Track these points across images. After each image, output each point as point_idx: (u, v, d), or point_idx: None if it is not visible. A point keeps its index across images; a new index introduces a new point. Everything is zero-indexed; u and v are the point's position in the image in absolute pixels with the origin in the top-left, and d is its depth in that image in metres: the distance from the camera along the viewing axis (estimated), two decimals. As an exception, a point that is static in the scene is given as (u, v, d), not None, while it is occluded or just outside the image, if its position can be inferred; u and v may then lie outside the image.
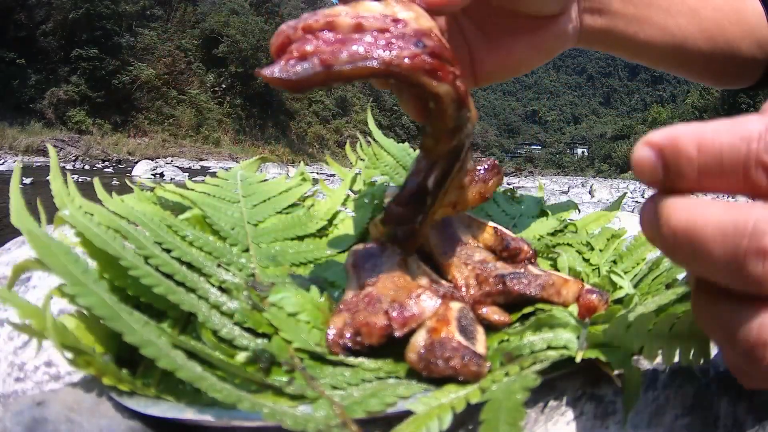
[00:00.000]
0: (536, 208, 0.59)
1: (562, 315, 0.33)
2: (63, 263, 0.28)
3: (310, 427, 0.25)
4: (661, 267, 0.41)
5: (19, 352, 0.38)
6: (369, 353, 0.32)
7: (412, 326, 0.32)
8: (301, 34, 0.31)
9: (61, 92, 23.43)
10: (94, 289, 0.28)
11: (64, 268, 0.28)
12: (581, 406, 0.29)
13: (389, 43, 0.30)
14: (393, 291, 0.34)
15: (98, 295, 0.28)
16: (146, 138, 25.58)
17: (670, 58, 0.56)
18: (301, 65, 0.30)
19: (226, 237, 0.45)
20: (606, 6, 0.51)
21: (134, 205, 0.42)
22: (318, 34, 0.30)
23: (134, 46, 27.69)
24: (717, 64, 0.56)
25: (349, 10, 0.31)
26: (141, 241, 0.35)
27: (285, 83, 0.30)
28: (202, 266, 0.37)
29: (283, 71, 0.30)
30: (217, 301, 0.33)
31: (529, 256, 0.39)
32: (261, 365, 0.30)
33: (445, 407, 0.26)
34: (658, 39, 0.53)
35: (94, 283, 0.28)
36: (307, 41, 0.30)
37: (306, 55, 0.30)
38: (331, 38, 0.30)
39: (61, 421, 0.26)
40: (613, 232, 0.51)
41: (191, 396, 0.28)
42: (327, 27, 0.31)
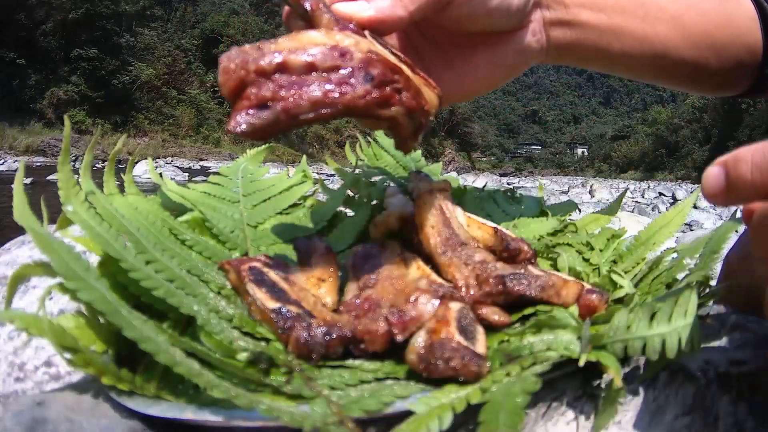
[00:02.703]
0: (536, 208, 0.59)
1: (562, 316, 0.33)
2: (65, 261, 0.28)
3: (307, 424, 0.25)
4: (661, 267, 0.41)
5: (19, 352, 0.38)
6: (369, 355, 0.32)
7: (413, 330, 0.32)
8: (255, 77, 0.31)
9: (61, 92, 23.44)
10: (95, 286, 0.28)
11: (66, 265, 0.28)
12: (581, 406, 0.29)
13: (342, 83, 0.32)
14: (392, 294, 0.34)
15: (99, 291, 0.28)
16: (146, 138, 25.58)
17: (650, 69, 0.52)
18: (263, 114, 0.31)
19: (225, 241, 0.45)
20: (575, 17, 0.48)
21: (137, 204, 0.42)
22: (273, 77, 0.31)
23: (134, 46, 27.69)
24: (703, 72, 0.53)
25: (294, 45, 0.32)
26: (143, 244, 0.35)
27: (251, 135, 0.31)
28: (201, 272, 0.37)
29: (249, 125, 0.31)
30: (215, 306, 0.33)
31: (529, 257, 0.39)
32: (260, 366, 0.30)
33: (445, 407, 0.26)
34: (636, 49, 0.50)
35: (95, 280, 0.28)
36: (263, 86, 0.31)
37: (265, 101, 0.31)
38: (285, 81, 0.31)
39: (61, 421, 0.26)
40: (613, 232, 0.51)
41: (190, 395, 0.28)
42: (279, 69, 0.32)
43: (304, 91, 0.31)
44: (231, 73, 0.31)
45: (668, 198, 8.28)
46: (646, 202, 6.87)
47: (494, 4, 0.42)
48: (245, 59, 0.32)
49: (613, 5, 0.48)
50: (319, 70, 0.32)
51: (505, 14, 0.43)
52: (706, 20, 0.51)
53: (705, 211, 5.19)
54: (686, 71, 0.52)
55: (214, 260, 0.40)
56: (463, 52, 0.46)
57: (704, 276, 0.34)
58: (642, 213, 4.71)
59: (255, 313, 0.34)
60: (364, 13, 0.37)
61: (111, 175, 0.43)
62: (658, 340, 0.28)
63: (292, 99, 0.31)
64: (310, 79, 0.32)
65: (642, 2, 0.49)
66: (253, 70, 0.31)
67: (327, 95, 0.31)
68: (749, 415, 0.28)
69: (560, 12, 0.47)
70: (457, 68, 0.46)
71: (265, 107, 0.31)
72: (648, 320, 0.29)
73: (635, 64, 0.51)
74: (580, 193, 8.56)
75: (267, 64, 0.31)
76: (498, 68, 0.46)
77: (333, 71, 0.32)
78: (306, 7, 0.36)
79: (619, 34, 0.49)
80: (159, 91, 28.31)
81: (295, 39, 0.33)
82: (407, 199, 0.47)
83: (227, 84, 0.31)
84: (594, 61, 0.51)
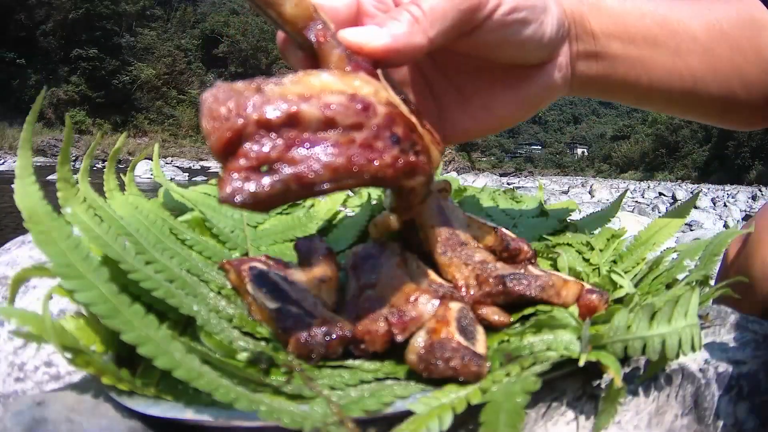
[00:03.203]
0: (536, 208, 0.59)
1: (562, 316, 0.33)
2: (62, 251, 0.28)
3: (307, 424, 0.25)
4: (661, 267, 0.42)
5: (19, 352, 0.38)
6: (369, 355, 0.32)
7: (413, 330, 0.32)
8: (256, 129, 0.25)
9: (61, 92, 23.44)
10: (93, 281, 0.27)
11: (63, 256, 0.27)
12: (581, 406, 0.29)
13: (367, 146, 0.26)
14: (392, 294, 0.34)
15: (97, 289, 0.27)
16: (146, 138, 25.59)
17: (677, 103, 0.49)
18: (269, 181, 0.25)
19: (225, 240, 0.45)
20: (603, 49, 0.44)
21: (137, 204, 0.42)
22: (280, 132, 0.25)
23: (134, 46, 27.70)
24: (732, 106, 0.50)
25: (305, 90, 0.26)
26: (142, 244, 0.35)
27: (252, 207, 0.25)
28: (201, 272, 0.37)
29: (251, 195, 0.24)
30: (215, 306, 0.33)
31: (529, 257, 0.39)
32: (260, 366, 0.30)
33: (445, 407, 0.26)
34: (664, 83, 0.46)
35: (94, 271, 0.28)
36: (267, 142, 0.25)
37: (269, 162, 0.25)
38: (296, 138, 0.25)
39: (61, 421, 0.26)
40: (613, 232, 0.51)
41: (190, 396, 0.28)
42: (289, 121, 0.25)
43: (322, 154, 0.25)
44: (222, 119, 0.25)
45: (668, 198, 8.29)
46: (646, 202, 6.88)
47: (528, 32, 0.37)
48: (242, 103, 0.25)
49: (645, 35, 0.45)
50: (338, 127, 0.26)
51: (538, 45, 0.39)
52: (737, 53, 0.47)
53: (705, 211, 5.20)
54: (715, 105, 0.49)
55: (214, 260, 0.40)
56: (481, 86, 0.42)
57: (704, 276, 0.34)
58: (642, 213, 4.71)
59: (255, 313, 0.34)
60: (378, 41, 0.31)
61: (111, 175, 0.43)
62: (658, 341, 0.28)
63: (307, 164, 0.25)
64: (328, 139, 0.26)
65: (674, 31, 0.46)
66: (254, 120, 0.25)
67: (352, 162, 0.26)
68: (749, 415, 0.28)
69: (589, 43, 0.44)
70: (473, 105, 0.42)
71: (269, 171, 0.25)
72: (648, 320, 0.29)
73: (662, 98, 0.48)
74: (580, 193, 8.56)
75: (274, 116, 0.25)
76: (518, 106, 0.42)
77: (355, 130, 0.26)
78: (311, 39, 0.31)
79: (648, 67, 0.46)
80: (159, 91, 28.32)
81: (304, 83, 0.27)
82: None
83: (218, 135, 0.25)
84: (619, 94, 0.48)
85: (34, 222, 0.28)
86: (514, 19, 0.36)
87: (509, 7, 0.36)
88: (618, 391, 0.27)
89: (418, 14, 0.32)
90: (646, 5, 0.46)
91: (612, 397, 0.27)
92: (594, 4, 0.43)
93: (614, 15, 0.44)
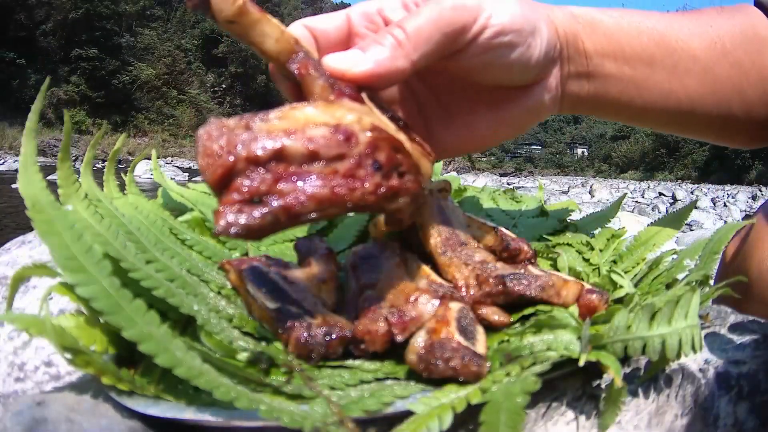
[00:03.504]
0: (536, 208, 0.59)
1: (562, 316, 0.33)
2: (65, 242, 0.28)
3: (307, 424, 0.25)
4: (661, 267, 0.42)
5: (19, 352, 0.38)
6: (369, 355, 0.32)
7: (413, 330, 0.32)
8: (245, 165, 0.27)
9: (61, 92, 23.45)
10: (95, 274, 0.27)
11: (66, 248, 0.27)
12: (581, 406, 0.29)
13: (349, 176, 0.28)
14: (392, 294, 0.34)
15: (99, 283, 0.27)
16: (146, 138, 25.60)
17: (674, 123, 0.48)
18: (260, 213, 0.27)
19: (225, 240, 0.45)
20: (596, 69, 0.43)
21: (137, 204, 0.42)
22: (268, 167, 0.27)
23: (134, 46, 27.72)
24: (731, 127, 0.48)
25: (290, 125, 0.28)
26: (143, 243, 0.35)
27: (246, 237, 0.27)
28: (201, 272, 0.37)
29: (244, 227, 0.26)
30: (215, 305, 0.33)
31: (529, 257, 0.39)
32: (260, 366, 0.30)
33: (445, 407, 0.26)
34: (660, 104, 0.45)
35: (96, 264, 0.28)
36: (257, 177, 0.27)
37: (259, 194, 0.27)
38: (283, 172, 0.27)
39: (61, 421, 0.26)
40: (613, 232, 0.51)
41: (190, 395, 0.28)
42: (275, 157, 0.27)
43: (307, 186, 0.27)
44: (215, 156, 0.27)
45: (668, 198, 8.29)
46: (646, 202, 6.88)
47: (514, 56, 0.37)
48: (232, 141, 0.27)
49: (641, 54, 0.43)
50: (321, 159, 0.28)
51: (523, 68, 0.38)
52: (739, 73, 0.45)
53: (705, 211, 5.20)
54: (712, 125, 0.48)
55: (214, 260, 0.40)
56: (467, 106, 0.41)
57: (704, 276, 0.34)
58: (642, 213, 4.72)
59: (255, 313, 0.34)
60: (361, 67, 0.32)
61: (111, 175, 0.43)
62: (658, 341, 0.28)
63: (294, 196, 0.27)
64: (313, 171, 0.28)
65: (672, 50, 0.44)
66: (244, 156, 0.27)
67: (334, 192, 0.28)
68: (749, 415, 0.28)
69: (581, 64, 0.42)
70: (456, 123, 0.41)
71: (259, 202, 0.27)
72: (648, 321, 0.29)
73: (657, 119, 0.47)
74: (580, 193, 8.56)
75: (262, 152, 0.27)
76: (504, 126, 0.41)
77: (338, 160, 0.28)
78: (293, 71, 0.32)
79: (643, 88, 0.44)
80: (159, 91, 28.34)
81: (289, 118, 0.28)
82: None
83: (212, 171, 0.27)
84: (612, 113, 0.47)
85: (36, 211, 0.28)
86: (500, 43, 0.36)
87: (494, 31, 0.35)
88: (619, 390, 0.27)
89: (402, 37, 0.33)
90: (644, 22, 0.44)
91: (614, 397, 0.27)
92: (589, 23, 0.42)
93: (609, 33, 0.43)
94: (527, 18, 0.37)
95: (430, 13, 0.33)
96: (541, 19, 0.38)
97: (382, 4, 0.38)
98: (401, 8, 0.38)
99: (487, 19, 0.35)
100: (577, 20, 0.42)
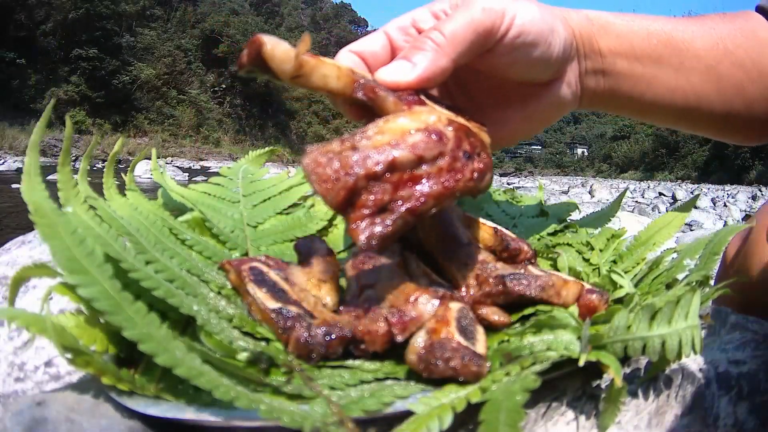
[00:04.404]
0: (536, 208, 0.59)
1: (562, 316, 0.33)
2: (67, 245, 0.28)
3: (307, 424, 0.25)
4: (661, 267, 0.41)
5: (19, 352, 0.38)
6: (369, 355, 0.32)
7: (413, 330, 0.32)
8: (365, 182, 0.30)
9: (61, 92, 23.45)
10: (97, 276, 0.27)
11: (68, 251, 0.27)
12: (581, 406, 0.29)
13: (451, 170, 0.32)
14: (392, 294, 0.34)
15: (100, 284, 0.27)
16: (146, 138, 25.59)
17: (681, 118, 0.52)
18: (389, 220, 0.30)
19: (225, 240, 0.45)
20: (610, 66, 0.47)
21: (137, 204, 0.42)
22: (385, 178, 0.30)
23: (134, 46, 27.71)
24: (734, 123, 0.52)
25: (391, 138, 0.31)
26: (142, 244, 0.35)
27: (384, 245, 0.30)
28: (201, 272, 0.37)
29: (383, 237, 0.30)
30: (215, 306, 0.33)
31: (529, 257, 0.39)
32: (260, 366, 0.30)
33: (445, 407, 0.26)
34: (667, 99, 0.49)
35: (98, 267, 0.28)
36: (378, 190, 0.30)
37: (384, 204, 0.30)
38: (398, 180, 0.31)
39: (61, 421, 0.26)
40: (613, 232, 0.51)
41: (190, 395, 0.28)
42: (390, 168, 0.31)
43: (423, 187, 0.31)
44: (333, 181, 0.29)
45: (668, 198, 8.29)
46: (646, 202, 6.88)
47: (536, 53, 0.41)
48: (347, 163, 0.30)
49: (650, 54, 0.48)
50: (427, 161, 0.31)
51: (545, 64, 0.43)
52: (740, 71, 0.49)
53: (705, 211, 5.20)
54: (717, 121, 0.52)
55: (214, 260, 0.40)
56: (497, 102, 0.46)
57: (704, 276, 0.34)
58: (642, 213, 4.72)
59: (255, 313, 0.34)
60: (411, 75, 0.36)
61: (111, 176, 0.43)
62: (658, 342, 0.28)
63: (415, 199, 0.30)
64: (422, 174, 0.31)
65: (678, 50, 0.48)
66: (363, 174, 0.30)
67: (445, 187, 0.31)
68: (749, 415, 0.28)
69: (596, 61, 0.47)
70: (490, 119, 0.45)
71: (387, 211, 0.30)
72: (648, 321, 0.29)
73: (666, 113, 0.51)
74: (580, 193, 8.56)
75: (378, 168, 0.30)
76: (532, 120, 0.46)
77: (439, 159, 0.32)
78: (363, 99, 0.35)
79: (652, 84, 0.48)
80: (159, 91, 28.33)
81: (387, 131, 0.32)
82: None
83: (334, 194, 0.30)
84: (626, 108, 0.51)
85: (39, 216, 0.28)
86: (523, 42, 0.40)
87: (517, 30, 0.40)
88: (619, 390, 0.27)
89: (440, 40, 0.37)
90: (652, 24, 0.48)
91: (613, 397, 0.27)
92: (603, 25, 0.46)
93: (621, 35, 0.47)
94: (545, 19, 0.41)
95: (463, 16, 0.38)
96: (558, 20, 0.43)
97: (415, 17, 0.42)
98: (432, 18, 0.42)
99: (512, 19, 0.39)
100: (592, 23, 0.46)
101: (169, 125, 27.95)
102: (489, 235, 0.40)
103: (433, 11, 0.42)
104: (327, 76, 0.34)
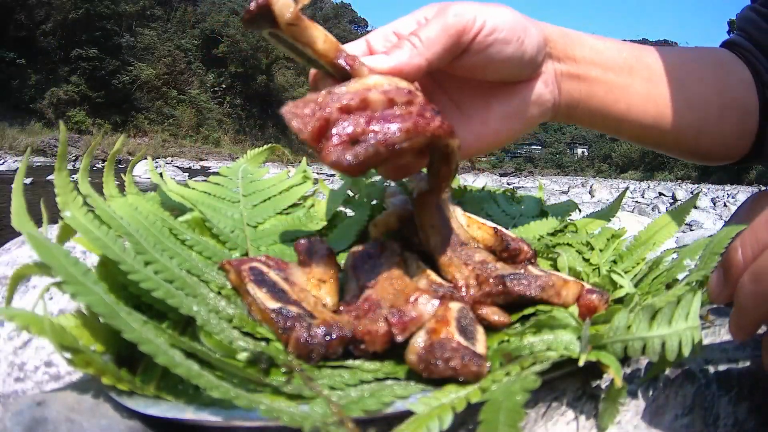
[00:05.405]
0: (536, 208, 0.59)
1: (562, 316, 0.33)
2: (63, 265, 0.28)
3: (307, 424, 0.25)
4: (661, 267, 0.41)
5: (19, 352, 0.38)
6: (369, 355, 0.32)
7: (413, 330, 0.32)
8: (339, 115, 0.32)
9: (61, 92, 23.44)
10: (94, 290, 0.28)
11: (65, 270, 0.28)
12: (581, 406, 0.29)
13: (421, 114, 0.34)
14: (392, 294, 0.34)
15: (97, 294, 0.28)
16: (146, 138, 25.58)
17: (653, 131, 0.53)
18: (362, 148, 0.31)
19: (225, 240, 0.45)
20: (585, 72, 0.50)
21: (137, 204, 0.42)
22: (357, 114, 0.32)
23: (134, 46, 27.70)
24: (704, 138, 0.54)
25: (366, 86, 0.34)
26: (142, 245, 0.35)
27: (356, 168, 0.31)
28: (201, 272, 0.37)
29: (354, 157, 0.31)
30: (215, 306, 0.33)
31: (529, 257, 0.39)
32: (260, 366, 0.30)
33: (445, 407, 0.26)
34: (640, 108, 0.52)
35: (93, 284, 0.28)
36: (350, 123, 0.32)
37: (356, 137, 0.32)
38: (371, 116, 0.33)
39: (61, 421, 0.26)
40: (613, 232, 0.51)
41: (190, 395, 0.28)
42: (363, 105, 0.33)
43: (394, 122, 0.33)
44: (308, 116, 0.32)
45: (668, 198, 8.29)
46: (646, 202, 6.87)
47: (509, 52, 0.43)
48: (324, 101, 0.32)
49: (621, 65, 0.51)
50: (398, 104, 0.34)
51: (519, 61, 0.45)
52: (704, 86, 0.53)
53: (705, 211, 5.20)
54: (688, 136, 0.54)
55: (214, 260, 0.40)
56: (479, 105, 0.47)
57: (704, 276, 0.34)
58: (642, 213, 4.71)
59: (255, 313, 0.34)
60: (385, 64, 0.39)
61: (110, 176, 0.43)
62: (658, 342, 0.28)
63: (387, 131, 0.32)
64: (395, 112, 0.33)
65: (648, 65, 0.52)
66: (337, 108, 0.32)
67: (417, 124, 0.33)
68: (749, 415, 0.28)
69: (571, 66, 0.49)
70: (473, 122, 0.47)
71: (358, 142, 0.32)
72: (648, 321, 0.29)
73: (639, 126, 0.53)
74: (580, 193, 8.55)
75: (352, 102, 0.33)
76: (513, 120, 0.48)
77: (410, 105, 0.34)
78: (342, 65, 0.37)
79: (625, 92, 0.51)
80: (159, 91, 28.32)
81: (362, 83, 0.35)
82: (407, 199, 0.47)
83: (308, 127, 0.31)
84: (601, 120, 0.53)
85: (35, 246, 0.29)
86: (495, 39, 0.43)
87: (490, 28, 0.42)
88: (619, 391, 0.27)
89: (416, 42, 0.40)
90: (622, 45, 0.53)
91: (613, 397, 0.27)
92: (577, 38, 0.50)
93: (595, 48, 0.51)
94: (517, 20, 0.44)
95: (437, 22, 0.41)
96: (531, 23, 0.45)
97: (395, 26, 0.45)
98: (415, 25, 0.45)
99: (483, 21, 0.42)
100: (567, 35, 0.50)
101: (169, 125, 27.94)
102: (489, 235, 0.40)
103: (417, 19, 0.45)
104: (316, 36, 0.37)
